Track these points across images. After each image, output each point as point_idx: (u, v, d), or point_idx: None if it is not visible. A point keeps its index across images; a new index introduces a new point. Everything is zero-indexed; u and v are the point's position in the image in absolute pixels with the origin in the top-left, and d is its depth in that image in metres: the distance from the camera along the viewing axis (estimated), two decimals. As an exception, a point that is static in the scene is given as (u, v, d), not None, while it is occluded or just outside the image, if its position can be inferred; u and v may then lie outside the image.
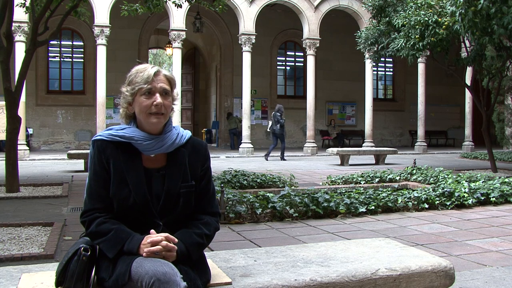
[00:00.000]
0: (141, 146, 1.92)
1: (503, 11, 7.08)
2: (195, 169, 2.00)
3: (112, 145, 1.91)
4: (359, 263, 2.21)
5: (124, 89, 1.95)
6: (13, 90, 7.30)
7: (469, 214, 5.76)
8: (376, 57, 11.50)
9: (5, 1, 6.97)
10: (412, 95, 20.90)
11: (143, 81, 1.89)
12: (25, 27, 13.81)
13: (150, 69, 1.92)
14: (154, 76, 1.90)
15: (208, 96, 23.58)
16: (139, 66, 1.98)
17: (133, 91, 1.91)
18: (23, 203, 6.36)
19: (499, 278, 3.31)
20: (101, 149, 1.91)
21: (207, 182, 2.03)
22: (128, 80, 1.95)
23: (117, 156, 1.90)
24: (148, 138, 1.92)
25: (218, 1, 8.83)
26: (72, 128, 18.37)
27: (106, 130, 1.97)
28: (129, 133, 1.92)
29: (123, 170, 1.89)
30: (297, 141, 20.88)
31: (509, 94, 15.87)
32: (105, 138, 1.92)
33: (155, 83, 1.90)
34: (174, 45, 15.89)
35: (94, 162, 1.92)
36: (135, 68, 1.96)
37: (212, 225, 1.99)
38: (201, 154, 2.03)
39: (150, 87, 1.89)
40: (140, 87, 1.89)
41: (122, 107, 1.98)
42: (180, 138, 1.98)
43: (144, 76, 1.90)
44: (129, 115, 1.97)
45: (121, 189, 1.88)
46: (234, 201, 5.28)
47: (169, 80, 1.96)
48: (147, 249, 1.77)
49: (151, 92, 1.90)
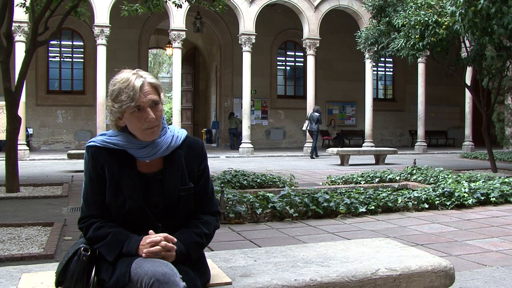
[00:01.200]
0: (136, 153, 1.88)
1: (503, 11, 7.08)
2: (193, 169, 1.97)
3: (106, 151, 1.87)
4: (359, 263, 2.21)
5: (110, 104, 1.84)
6: (13, 90, 7.30)
7: (469, 214, 5.76)
8: (376, 57, 11.50)
9: (5, 1, 6.97)
10: (412, 95, 20.90)
11: (130, 99, 1.78)
12: (25, 27, 13.81)
13: (134, 81, 1.80)
14: (140, 91, 1.79)
15: (208, 96, 23.58)
16: (120, 77, 1.83)
17: (121, 109, 1.81)
18: (23, 203, 6.36)
19: (499, 278, 3.31)
20: (95, 156, 1.88)
21: (205, 182, 2.01)
22: (113, 95, 1.82)
23: (111, 162, 1.87)
24: (143, 145, 1.87)
25: (218, 1, 8.83)
26: (72, 128, 18.37)
27: (100, 135, 1.93)
28: (123, 141, 1.87)
29: (117, 177, 1.87)
30: (297, 141, 20.87)
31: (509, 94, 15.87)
32: (99, 145, 1.88)
33: (143, 98, 1.80)
34: (174, 45, 15.89)
35: (89, 169, 1.90)
36: (117, 81, 1.82)
37: (211, 224, 1.98)
38: (197, 154, 1.99)
39: (139, 104, 1.79)
40: (128, 105, 1.79)
41: (111, 120, 1.89)
42: (175, 140, 1.93)
43: (130, 94, 1.78)
44: (120, 126, 1.90)
45: (117, 197, 1.87)
46: (234, 201, 5.28)
47: (156, 87, 1.86)
48: (146, 249, 1.76)
49: (140, 109, 1.81)
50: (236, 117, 19.50)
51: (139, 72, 1.86)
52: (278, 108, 21.01)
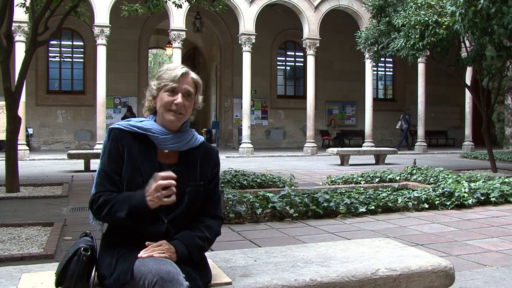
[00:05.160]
0: (156, 139, 1.97)
1: (503, 11, 7.08)
2: (206, 172, 2.04)
3: (129, 135, 1.97)
4: (359, 263, 2.21)
5: (152, 83, 2.02)
6: (13, 90, 7.30)
7: (469, 214, 5.76)
8: (376, 57, 11.50)
9: (5, 1, 6.97)
10: (412, 95, 20.89)
11: (170, 79, 1.96)
12: (25, 27, 13.81)
13: (179, 69, 1.99)
14: (181, 77, 1.96)
15: (208, 96, 23.57)
16: (171, 64, 2.08)
17: (159, 86, 1.97)
18: (23, 203, 6.36)
19: (499, 278, 3.31)
20: (118, 137, 1.96)
21: (214, 186, 2.08)
22: (157, 75, 2.01)
23: (133, 146, 1.95)
24: (165, 133, 1.98)
25: (218, 1, 8.83)
26: (72, 128, 18.37)
27: (125, 121, 2.03)
28: (147, 126, 1.98)
29: (137, 160, 1.94)
30: (297, 141, 20.88)
31: (509, 94, 15.88)
32: (123, 128, 1.97)
33: (180, 84, 1.96)
34: (174, 45, 15.89)
35: (110, 149, 1.95)
36: (166, 65, 2.05)
37: (213, 229, 2.02)
38: (212, 159, 2.09)
39: (175, 86, 1.96)
40: (166, 83, 1.96)
41: (147, 100, 2.04)
42: (194, 140, 2.04)
43: (172, 74, 1.96)
44: (152, 108, 2.04)
45: (135, 178, 1.92)
46: (234, 201, 5.28)
47: (195, 83, 2.03)
48: (146, 254, 1.78)
49: (174, 90, 1.96)
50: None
51: (188, 68, 2.04)
52: (278, 108, 21.01)
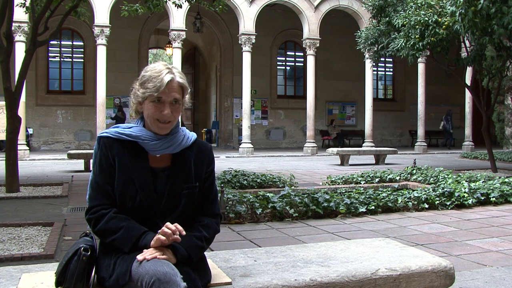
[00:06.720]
0: (147, 145, 1.92)
1: (503, 11, 7.08)
2: (200, 171, 2.00)
3: (118, 143, 1.91)
4: (359, 263, 2.21)
5: (136, 87, 1.94)
6: (13, 90, 7.30)
7: (469, 214, 5.76)
8: (376, 57, 11.50)
9: (5, 1, 6.97)
10: (412, 95, 20.89)
11: (155, 89, 1.86)
12: (25, 27, 13.81)
13: (164, 75, 1.87)
14: (167, 86, 1.87)
15: (208, 96, 23.57)
16: (154, 66, 1.92)
17: (144, 95, 1.89)
18: (23, 203, 6.36)
19: (499, 278, 3.31)
20: (107, 146, 1.91)
21: (210, 184, 2.04)
22: (142, 79, 1.91)
23: (123, 154, 1.90)
24: (155, 138, 1.92)
25: (218, 1, 8.83)
26: (72, 128, 18.37)
27: (113, 127, 1.96)
28: (136, 132, 1.92)
29: (129, 169, 1.89)
30: (297, 141, 20.88)
31: (509, 94, 15.88)
32: (112, 136, 1.92)
33: (166, 94, 1.87)
34: (174, 45, 15.88)
35: (100, 159, 1.91)
36: (150, 69, 1.92)
37: (212, 228, 1.99)
38: (206, 156, 2.04)
39: (160, 96, 1.87)
40: (150, 94, 1.87)
41: (132, 102, 1.98)
42: (186, 140, 1.98)
43: (157, 85, 1.86)
44: (139, 112, 1.98)
45: (128, 188, 1.88)
46: (234, 201, 5.28)
47: (182, 88, 1.93)
48: (141, 257, 1.75)
49: (160, 101, 1.88)
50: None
51: (173, 69, 1.93)
52: (278, 108, 21.01)
